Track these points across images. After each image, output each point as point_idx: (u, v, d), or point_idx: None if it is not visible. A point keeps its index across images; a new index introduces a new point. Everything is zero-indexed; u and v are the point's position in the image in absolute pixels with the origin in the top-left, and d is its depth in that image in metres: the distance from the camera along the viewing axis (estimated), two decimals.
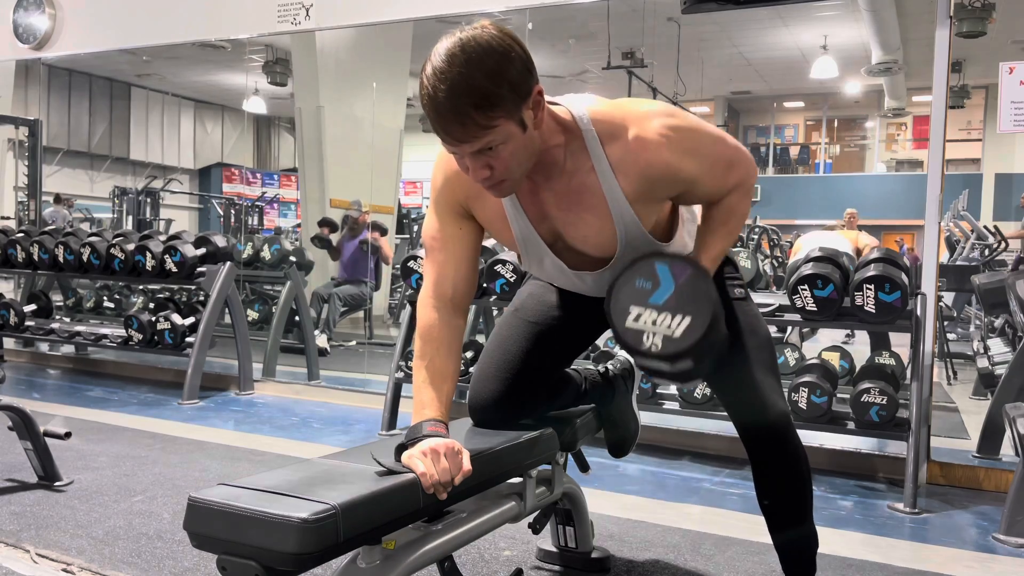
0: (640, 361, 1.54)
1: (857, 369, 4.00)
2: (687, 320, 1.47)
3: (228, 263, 4.81)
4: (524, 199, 1.60)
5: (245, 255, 5.72)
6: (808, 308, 3.25)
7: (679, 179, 1.55)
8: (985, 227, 7.82)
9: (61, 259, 5.25)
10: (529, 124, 1.42)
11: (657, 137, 1.50)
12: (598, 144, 1.51)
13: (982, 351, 4.87)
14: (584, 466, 2.17)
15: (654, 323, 1.49)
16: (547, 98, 1.48)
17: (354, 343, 7.27)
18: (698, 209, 1.77)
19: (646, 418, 2.38)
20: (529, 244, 1.66)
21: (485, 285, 3.77)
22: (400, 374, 3.99)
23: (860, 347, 5.95)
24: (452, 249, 1.65)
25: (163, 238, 5.15)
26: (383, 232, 7.48)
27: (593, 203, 1.56)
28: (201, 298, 5.51)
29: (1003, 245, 7.40)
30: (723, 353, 1.59)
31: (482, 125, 1.36)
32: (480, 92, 1.34)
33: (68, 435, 2.93)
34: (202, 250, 4.88)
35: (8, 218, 7.95)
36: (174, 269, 4.80)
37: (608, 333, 1.88)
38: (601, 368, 2.16)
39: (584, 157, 1.52)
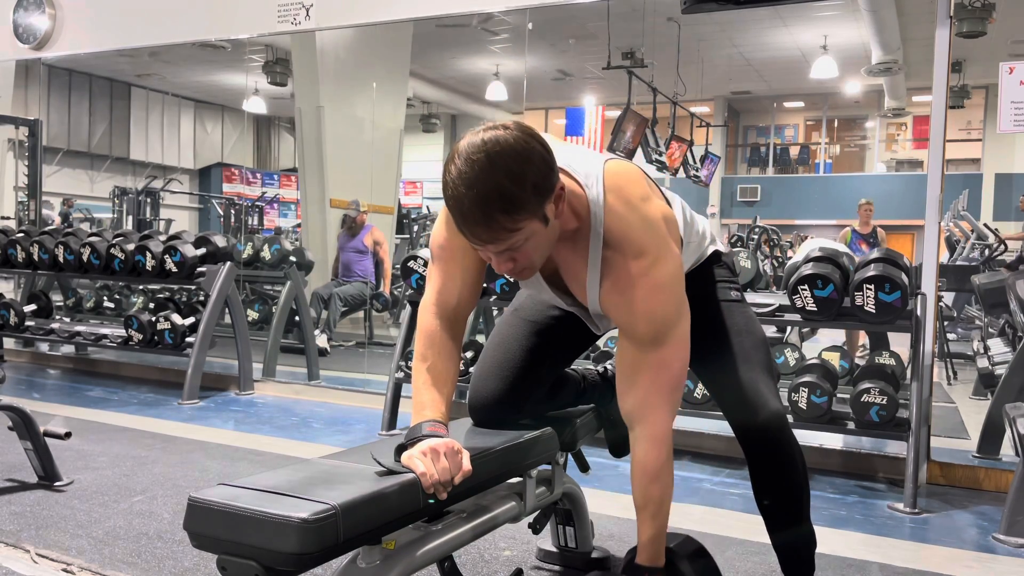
0: None
1: (857, 369, 4.00)
2: None
3: (228, 263, 4.81)
4: None
5: (245, 255, 5.72)
6: (808, 308, 3.25)
7: (631, 312, 1.55)
8: (989, 227, 7.82)
9: (61, 259, 5.24)
10: (551, 217, 1.45)
11: (652, 284, 1.52)
12: (599, 244, 1.54)
13: (982, 351, 4.87)
14: (584, 466, 2.17)
15: None
16: (563, 162, 1.49)
17: (354, 343, 7.27)
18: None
19: None
20: (530, 280, 1.69)
21: (485, 285, 3.77)
22: (400, 374, 3.99)
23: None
24: (459, 261, 1.65)
25: (163, 238, 5.15)
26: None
27: (578, 275, 1.60)
28: (201, 298, 5.51)
29: (1002, 247, 7.39)
30: None
31: (508, 228, 1.38)
32: (506, 197, 1.35)
33: (68, 435, 2.93)
34: (202, 250, 4.88)
35: (8, 218, 7.94)
36: (174, 269, 4.80)
37: (608, 333, 1.89)
38: (601, 368, 2.16)
39: (584, 244, 1.55)
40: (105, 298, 6.55)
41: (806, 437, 3.46)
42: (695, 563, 1.74)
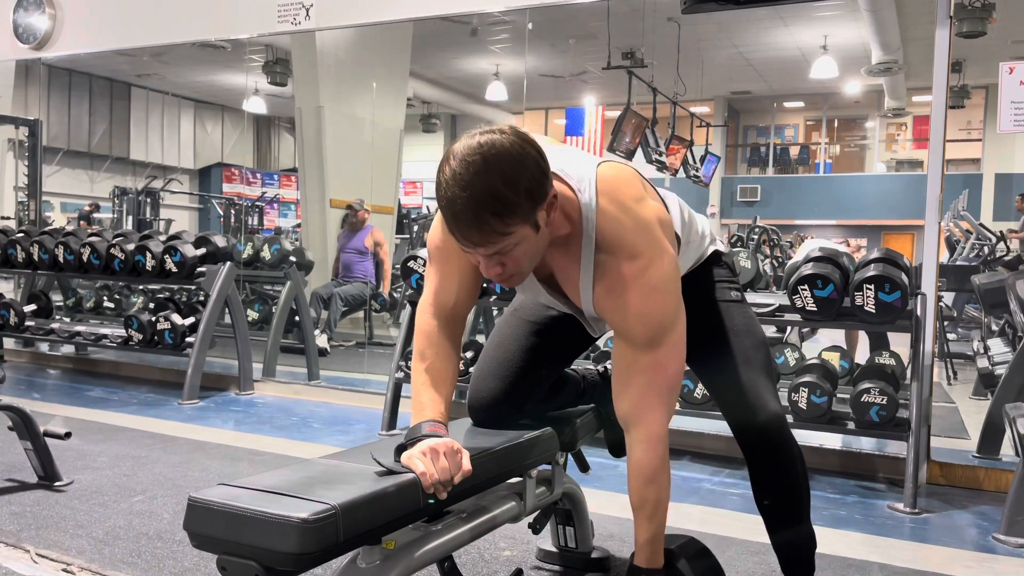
0: None
1: (857, 369, 4.00)
2: None
3: (228, 263, 4.81)
4: None
5: (245, 255, 5.72)
6: (808, 308, 3.25)
7: (625, 315, 1.54)
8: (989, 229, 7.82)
9: (61, 259, 5.24)
10: (542, 224, 1.44)
11: (646, 287, 1.51)
12: (592, 248, 1.53)
13: (982, 351, 4.87)
14: (584, 466, 2.17)
15: None
16: (556, 166, 1.48)
17: (354, 343, 7.27)
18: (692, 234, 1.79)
19: None
20: (526, 282, 1.68)
21: (485, 285, 3.77)
22: (400, 374, 3.99)
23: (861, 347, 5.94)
24: (456, 261, 1.65)
25: (163, 238, 5.15)
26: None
27: (572, 279, 1.59)
28: (201, 298, 5.51)
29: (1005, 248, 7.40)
30: None
31: (499, 232, 1.38)
32: (499, 200, 1.35)
33: (68, 435, 2.93)
34: (202, 250, 4.88)
35: (8, 218, 7.94)
36: (174, 269, 4.80)
37: (609, 333, 1.89)
38: (601, 368, 2.16)
39: (577, 248, 1.55)
40: (105, 298, 6.55)
41: (806, 437, 3.46)
42: (695, 564, 1.73)
